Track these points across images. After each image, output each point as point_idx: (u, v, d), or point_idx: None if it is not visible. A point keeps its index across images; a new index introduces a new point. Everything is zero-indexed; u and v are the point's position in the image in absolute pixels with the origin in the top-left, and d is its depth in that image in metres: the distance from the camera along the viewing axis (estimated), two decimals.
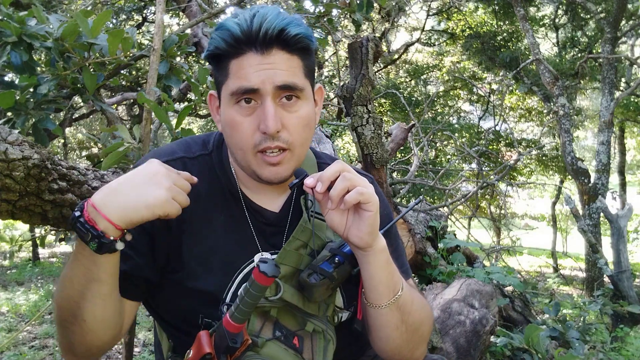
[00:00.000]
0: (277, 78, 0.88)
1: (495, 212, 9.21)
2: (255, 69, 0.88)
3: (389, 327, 0.96)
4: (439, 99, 11.30)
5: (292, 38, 0.89)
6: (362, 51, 1.80)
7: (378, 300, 0.93)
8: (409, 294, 0.98)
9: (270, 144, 0.90)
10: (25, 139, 1.18)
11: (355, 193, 0.83)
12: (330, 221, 0.89)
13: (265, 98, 0.89)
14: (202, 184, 0.98)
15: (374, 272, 0.91)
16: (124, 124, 2.04)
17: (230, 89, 0.90)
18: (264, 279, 0.80)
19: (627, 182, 12.65)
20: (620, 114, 9.97)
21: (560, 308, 2.91)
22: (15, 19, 1.47)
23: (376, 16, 9.61)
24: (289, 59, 0.90)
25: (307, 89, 0.94)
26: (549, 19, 10.44)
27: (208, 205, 0.99)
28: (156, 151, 1.05)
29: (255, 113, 0.90)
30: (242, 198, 1.02)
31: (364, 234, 0.87)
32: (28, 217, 1.25)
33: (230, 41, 0.89)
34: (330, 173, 0.85)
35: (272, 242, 1.02)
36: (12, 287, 5.81)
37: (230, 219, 1.00)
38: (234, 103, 0.91)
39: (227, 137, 0.96)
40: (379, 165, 1.84)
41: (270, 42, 0.88)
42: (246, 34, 0.88)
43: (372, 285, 0.93)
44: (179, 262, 0.97)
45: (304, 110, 0.93)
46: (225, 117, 0.93)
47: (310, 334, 0.95)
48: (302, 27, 0.90)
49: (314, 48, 0.96)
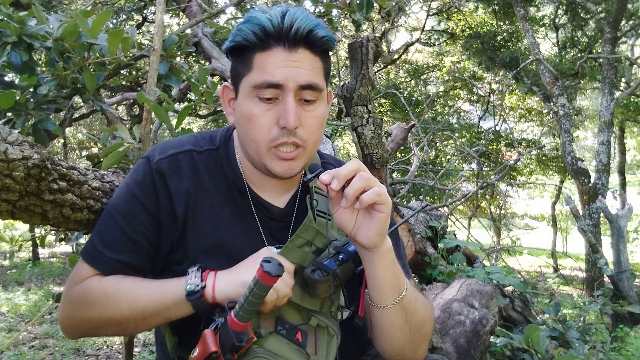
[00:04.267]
0: (301, 77, 0.91)
1: (495, 212, 9.21)
2: (281, 64, 0.90)
3: (393, 327, 0.96)
4: (439, 99, 11.30)
5: (320, 39, 0.92)
6: (362, 51, 1.80)
7: (383, 301, 0.94)
8: (413, 293, 0.99)
9: (287, 139, 0.92)
10: (25, 139, 1.18)
11: (372, 193, 0.84)
12: (339, 219, 0.89)
13: (287, 94, 0.90)
14: (208, 178, 1.01)
15: (379, 272, 0.92)
16: (124, 124, 2.04)
17: (254, 81, 0.91)
18: (268, 279, 0.80)
19: (627, 182, 12.64)
20: (620, 114, 9.97)
21: (560, 308, 2.91)
22: (15, 19, 1.47)
23: (376, 16, 9.60)
24: (312, 59, 0.93)
25: (324, 90, 0.97)
26: (549, 19, 10.43)
27: (214, 199, 1.01)
28: (165, 143, 1.07)
29: (275, 108, 0.92)
30: (249, 192, 1.03)
31: (373, 234, 0.87)
32: (28, 217, 1.25)
33: (260, 34, 0.90)
34: (347, 171, 0.85)
35: (277, 237, 1.03)
36: (12, 287, 5.80)
37: (236, 213, 1.02)
38: (255, 96, 0.92)
39: (241, 130, 0.97)
40: (379, 165, 1.84)
41: (298, 41, 0.91)
42: (277, 30, 0.90)
43: (377, 285, 0.93)
44: (183, 254, 0.99)
45: (320, 111, 0.96)
46: (243, 109, 0.94)
47: (314, 329, 0.95)
48: (327, 31, 0.93)
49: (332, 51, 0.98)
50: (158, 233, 0.99)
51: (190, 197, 0.99)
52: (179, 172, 1.00)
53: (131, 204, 0.99)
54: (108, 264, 0.98)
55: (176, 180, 0.99)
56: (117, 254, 0.98)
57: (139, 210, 0.98)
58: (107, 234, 0.99)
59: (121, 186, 1.04)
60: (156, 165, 1.00)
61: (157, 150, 1.04)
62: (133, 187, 1.00)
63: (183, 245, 0.99)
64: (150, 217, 0.98)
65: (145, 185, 0.99)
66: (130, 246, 0.98)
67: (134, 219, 0.98)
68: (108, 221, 1.00)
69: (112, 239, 0.98)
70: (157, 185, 0.99)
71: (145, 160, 1.03)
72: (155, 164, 1.00)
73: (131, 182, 1.02)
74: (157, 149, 1.05)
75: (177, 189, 0.99)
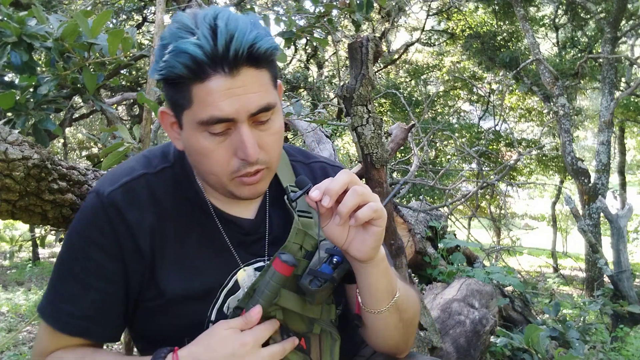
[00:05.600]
0: (251, 105, 0.80)
1: (495, 212, 9.20)
2: (225, 94, 0.78)
3: (388, 328, 0.94)
4: (439, 99, 11.31)
5: (263, 54, 0.80)
6: (362, 51, 1.80)
7: (377, 306, 0.90)
8: (404, 291, 0.95)
9: (249, 169, 0.83)
10: (25, 139, 1.18)
11: (368, 210, 0.78)
12: (329, 234, 0.83)
13: (240, 126, 0.80)
14: (170, 203, 0.92)
15: (373, 281, 0.88)
16: (124, 124, 2.04)
17: (199, 117, 0.80)
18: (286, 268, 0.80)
19: (627, 182, 12.64)
20: (620, 114, 9.97)
21: (560, 308, 2.91)
22: (15, 19, 1.47)
23: (376, 16, 9.61)
24: (258, 76, 0.81)
25: (278, 102, 0.86)
26: (549, 19, 10.44)
27: (178, 223, 0.92)
28: (113, 171, 0.96)
29: (228, 139, 0.82)
30: (214, 211, 0.94)
31: (368, 248, 0.82)
32: (28, 217, 1.25)
33: (193, 66, 0.77)
34: (339, 186, 0.78)
35: (254, 252, 0.96)
36: (12, 287, 5.81)
37: (203, 235, 0.93)
38: (203, 130, 0.81)
39: (195, 162, 0.88)
40: (379, 165, 1.84)
41: (239, 63, 0.78)
42: (212, 56, 0.76)
43: (371, 293, 0.89)
44: (156, 289, 0.90)
45: (276, 125, 0.86)
46: (192, 143, 0.83)
47: (318, 335, 0.92)
48: (269, 39, 0.80)
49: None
50: (124, 274, 0.89)
51: (154, 230, 0.89)
52: (136, 203, 0.89)
53: (87, 248, 0.88)
54: (68, 322, 0.88)
55: (135, 212, 0.88)
56: (78, 309, 0.87)
57: (95, 252, 0.87)
58: (64, 287, 0.89)
59: (71, 228, 0.91)
60: (108, 198, 0.88)
61: (106, 181, 0.92)
62: (85, 229, 0.89)
63: (155, 283, 0.90)
64: (110, 258, 0.88)
65: (99, 224, 0.88)
66: (92, 298, 0.88)
67: (90, 264, 0.87)
68: (62, 273, 0.90)
69: (71, 293, 0.88)
70: (113, 221, 0.87)
71: (94, 195, 0.91)
72: (107, 197, 0.88)
73: (82, 222, 0.90)
74: (105, 179, 0.93)
75: (138, 223, 0.88)
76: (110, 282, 0.88)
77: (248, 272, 0.94)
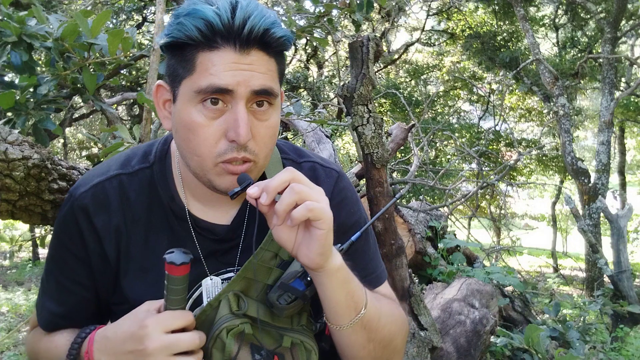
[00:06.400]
0: (255, 81, 0.78)
1: (495, 212, 9.20)
2: (230, 67, 0.77)
3: (354, 347, 0.88)
4: (439, 99, 11.31)
5: (277, 40, 0.79)
6: (362, 50, 1.80)
7: (338, 321, 0.84)
8: (375, 310, 0.88)
9: (236, 154, 0.79)
10: (25, 139, 1.18)
11: (303, 209, 0.73)
12: (277, 237, 0.78)
13: (238, 102, 0.78)
14: (141, 206, 0.89)
15: (329, 293, 0.82)
16: (124, 124, 2.04)
17: (198, 85, 0.77)
18: (174, 269, 0.75)
19: (627, 182, 12.65)
20: (620, 114, 9.98)
21: (560, 308, 2.91)
22: (15, 19, 1.47)
23: (376, 16, 9.61)
24: (267, 62, 0.80)
25: (279, 97, 0.84)
26: (549, 19, 10.44)
27: (148, 228, 0.90)
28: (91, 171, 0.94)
29: (222, 117, 0.79)
30: (189, 217, 0.91)
31: (314, 254, 0.76)
32: (28, 217, 1.25)
33: (206, 31, 0.76)
34: (277, 183, 0.74)
35: (225, 261, 0.93)
36: (12, 287, 5.81)
37: (173, 241, 0.90)
38: (198, 102, 0.79)
39: (181, 140, 0.83)
40: (379, 165, 1.84)
41: (252, 42, 0.77)
42: (227, 28, 0.76)
43: (330, 306, 0.84)
44: (122, 294, 0.90)
45: (273, 119, 0.84)
46: (183, 116, 0.80)
47: (289, 349, 0.85)
48: (285, 29, 0.81)
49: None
50: (92, 277, 0.90)
51: (121, 234, 0.88)
52: (105, 205, 0.88)
53: (59, 249, 0.91)
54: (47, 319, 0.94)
55: (103, 215, 0.88)
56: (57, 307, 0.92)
57: (67, 255, 0.90)
58: (48, 285, 0.94)
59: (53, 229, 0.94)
60: (77, 201, 0.88)
61: (81, 181, 0.91)
62: (60, 233, 0.91)
63: (120, 288, 0.90)
64: (79, 263, 0.89)
65: (68, 228, 0.89)
66: (67, 299, 0.91)
67: (65, 266, 0.90)
68: (46, 271, 0.94)
69: (49, 288, 0.93)
70: (80, 225, 0.88)
71: (68, 196, 0.91)
72: (77, 199, 0.88)
73: (57, 226, 0.92)
74: (82, 179, 0.92)
75: (105, 227, 0.88)
76: (82, 286, 0.91)
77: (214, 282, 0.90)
